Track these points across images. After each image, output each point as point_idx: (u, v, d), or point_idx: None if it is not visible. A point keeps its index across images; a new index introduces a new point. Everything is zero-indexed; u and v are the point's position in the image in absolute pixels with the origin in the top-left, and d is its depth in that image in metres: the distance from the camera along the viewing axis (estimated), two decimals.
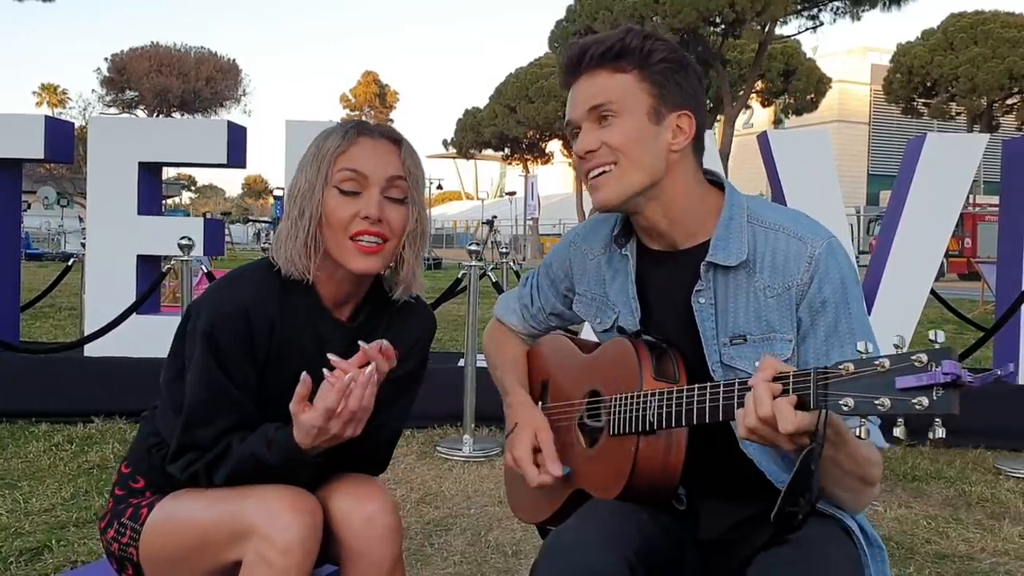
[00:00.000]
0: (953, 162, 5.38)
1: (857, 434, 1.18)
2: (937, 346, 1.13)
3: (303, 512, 1.46)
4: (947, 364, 1.10)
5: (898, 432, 1.15)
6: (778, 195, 5.46)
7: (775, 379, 1.25)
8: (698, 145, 1.56)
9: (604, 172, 1.52)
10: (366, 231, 1.57)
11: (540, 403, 1.75)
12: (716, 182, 1.60)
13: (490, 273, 5.48)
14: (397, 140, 1.64)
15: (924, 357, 1.12)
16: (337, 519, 1.57)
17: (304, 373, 1.47)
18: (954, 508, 3.84)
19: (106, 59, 44.92)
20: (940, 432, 1.12)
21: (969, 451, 4.80)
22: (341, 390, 1.45)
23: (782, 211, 1.57)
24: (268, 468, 1.51)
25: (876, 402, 1.15)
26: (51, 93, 51.46)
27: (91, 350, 5.30)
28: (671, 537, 1.52)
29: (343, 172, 1.58)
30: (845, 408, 1.18)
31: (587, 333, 1.80)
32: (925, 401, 1.12)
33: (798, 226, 1.52)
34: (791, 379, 1.24)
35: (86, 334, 5.22)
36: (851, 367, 1.18)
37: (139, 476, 1.68)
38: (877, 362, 1.16)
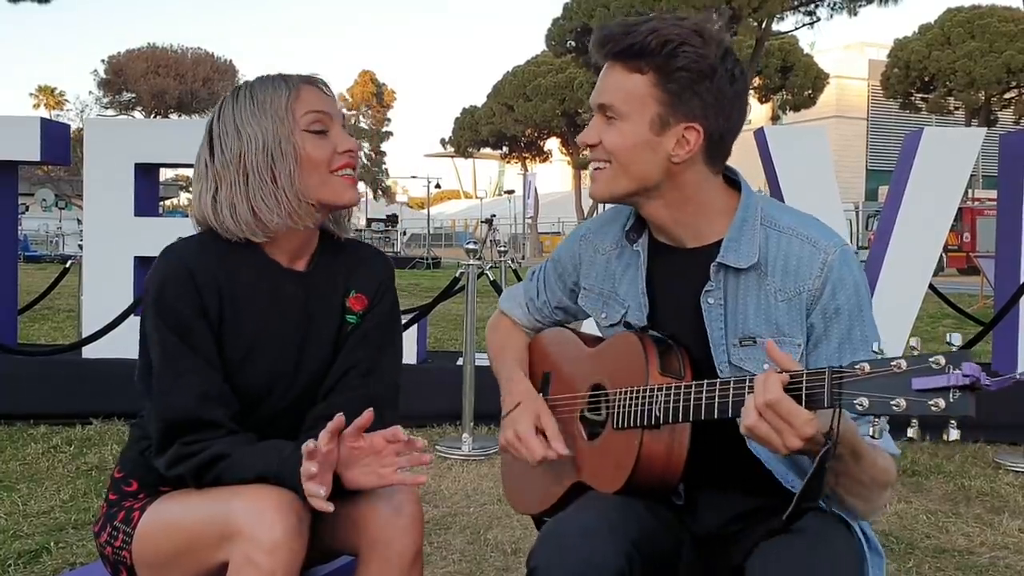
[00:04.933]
0: (950, 156, 5.37)
1: (870, 433, 1.18)
2: (954, 349, 1.13)
3: (288, 511, 1.45)
4: (967, 367, 1.10)
5: (912, 432, 1.16)
6: (775, 191, 5.45)
7: (790, 379, 1.25)
8: (712, 154, 1.52)
9: (598, 168, 1.54)
10: (347, 163, 1.63)
11: (541, 394, 1.74)
12: (734, 181, 1.59)
13: (488, 272, 5.47)
14: (326, 85, 1.68)
15: (942, 359, 1.12)
16: (362, 507, 1.56)
17: (307, 445, 1.43)
18: (954, 503, 3.84)
19: (103, 61, 44.94)
20: (954, 434, 1.13)
21: (968, 445, 4.79)
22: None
23: (796, 215, 1.57)
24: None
25: (892, 402, 1.15)
26: (48, 95, 51.33)
27: (89, 352, 5.29)
28: (669, 531, 1.53)
29: (310, 115, 1.61)
30: (859, 407, 1.18)
31: (587, 329, 1.80)
32: (941, 403, 1.12)
33: (812, 231, 1.52)
34: (805, 376, 1.24)
35: (84, 336, 5.21)
36: (867, 367, 1.18)
37: (132, 480, 1.68)
38: (893, 363, 1.16)
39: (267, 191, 1.58)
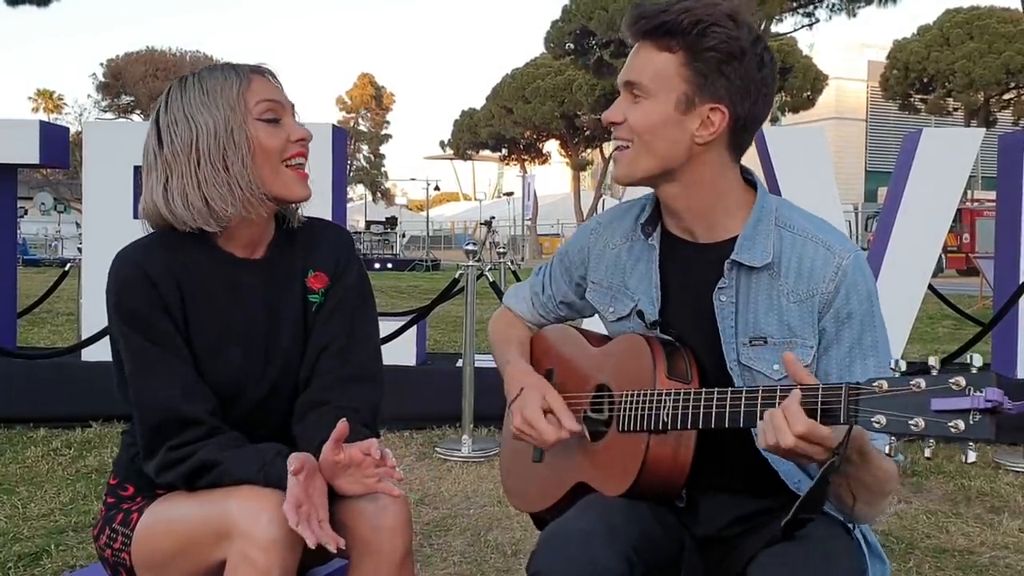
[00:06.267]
0: (949, 157, 5.37)
1: (887, 452, 1.18)
2: (975, 370, 1.12)
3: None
4: (990, 391, 1.09)
5: (928, 452, 1.15)
6: (774, 193, 5.44)
7: (806, 394, 1.25)
8: (735, 140, 1.52)
9: (621, 149, 1.54)
10: (299, 153, 1.62)
11: None
12: (751, 181, 1.59)
13: (487, 273, 5.47)
14: (275, 75, 1.67)
15: (962, 380, 1.11)
16: (350, 510, 1.56)
17: (292, 459, 1.43)
18: (954, 503, 3.84)
19: (101, 64, 44.91)
20: (972, 456, 1.13)
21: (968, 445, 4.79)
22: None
23: (811, 218, 1.57)
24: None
25: (910, 422, 1.14)
26: (47, 98, 51.32)
27: (89, 355, 5.29)
28: (671, 533, 1.53)
29: (263, 103, 1.60)
30: (876, 425, 1.17)
31: (589, 327, 1.80)
32: (961, 425, 1.11)
33: (827, 235, 1.51)
34: (820, 392, 1.24)
35: (83, 339, 5.20)
36: (885, 385, 1.17)
37: (127, 484, 1.68)
38: (913, 382, 1.15)
39: (220, 180, 1.56)
